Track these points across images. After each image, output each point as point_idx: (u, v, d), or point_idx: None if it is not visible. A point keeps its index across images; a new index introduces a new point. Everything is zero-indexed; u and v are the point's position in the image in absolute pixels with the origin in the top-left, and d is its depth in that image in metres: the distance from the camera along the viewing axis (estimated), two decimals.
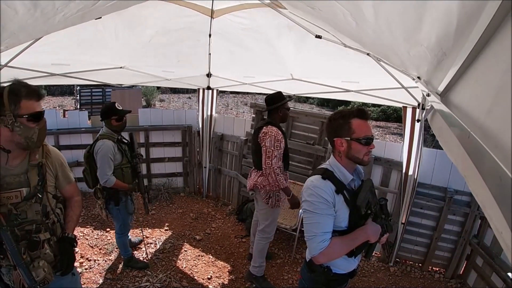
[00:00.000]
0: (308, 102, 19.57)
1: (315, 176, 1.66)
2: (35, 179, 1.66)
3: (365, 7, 0.97)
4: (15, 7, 1.06)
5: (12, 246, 1.51)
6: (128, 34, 3.00)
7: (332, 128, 1.70)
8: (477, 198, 0.62)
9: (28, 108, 1.54)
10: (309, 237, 1.61)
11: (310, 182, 1.65)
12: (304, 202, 1.65)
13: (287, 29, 2.82)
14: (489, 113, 0.58)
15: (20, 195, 1.60)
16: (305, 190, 1.65)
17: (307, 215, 1.62)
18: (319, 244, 1.58)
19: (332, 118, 1.70)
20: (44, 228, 1.68)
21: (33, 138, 1.58)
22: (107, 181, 2.92)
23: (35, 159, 1.69)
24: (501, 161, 0.50)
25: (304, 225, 1.66)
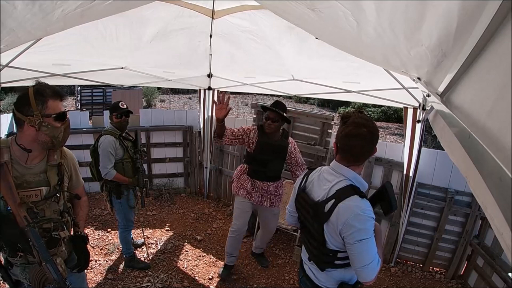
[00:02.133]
0: (309, 103, 19.58)
1: (355, 198, 1.51)
2: (55, 179, 1.71)
3: (367, 6, 0.97)
4: (14, 2, 1.06)
5: (40, 242, 1.54)
6: (129, 35, 3.00)
7: (377, 135, 1.58)
8: (478, 199, 0.62)
9: (54, 108, 1.59)
10: (366, 265, 1.50)
11: (356, 208, 1.48)
12: (356, 232, 1.47)
13: (287, 30, 2.82)
14: (490, 114, 0.58)
15: (40, 193, 1.64)
16: (356, 217, 1.47)
17: (363, 243, 1.48)
18: (377, 267, 1.53)
19: (374, 127, 1.55)
20: (60, 226, 1.73)
21: (59, 137, 1.63)
22: (107, 173, 3.07)
23: (54, 159, 1.72)
24: (501, 161, 0.50)
25: (356, 255, 1.51)
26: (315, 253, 1.70)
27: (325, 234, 1.59)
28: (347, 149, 1.58)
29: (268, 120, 3.05)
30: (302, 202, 1.77)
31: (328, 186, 1.62)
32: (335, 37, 1.73)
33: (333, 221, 1.53)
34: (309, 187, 1.76)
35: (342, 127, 1.58)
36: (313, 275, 1.78)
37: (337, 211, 1.51)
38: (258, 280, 3.58)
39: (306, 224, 1.76)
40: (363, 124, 1.52)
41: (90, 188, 5.22)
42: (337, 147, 1.64)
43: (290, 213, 2.00)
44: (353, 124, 1.53)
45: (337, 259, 1.63)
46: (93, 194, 5.21)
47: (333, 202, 1.54)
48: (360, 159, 1.61)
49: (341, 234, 1.52)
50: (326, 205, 1.57)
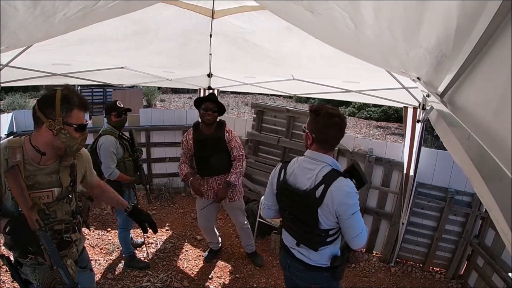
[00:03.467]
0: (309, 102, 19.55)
1: (341, 179, 1.70)
2: (67, 180, 1.68)
3: (365, 8, 0.97)
4: (15, 5, 1.06)
5: (52, 246, 1.51)
6: (129, 35, 3.00)
7: (345, 123, 1.80)
8: (483, 200, 0.62)
9: (78, 118, 1.56)
10: (360, 233, 1.72)
11: (345, 187, 1.69)
12: (353, 206, 1.69)
13: (287, 31, 2.82)
14: (495, 114, 0.57)
15: (52, 195, 1.61)
16: (347, 195, 1.68)
17: (355, 215, 1.70)
18: (366, 233, 1.77)
19: (343, 116, 1.78)
20: (72, 228, 1.70)
21: (73, 148, 1.61)
22: (111, 173, 3.06)
23: (67, 159, 1.70)
24: (503, 161, 0.50)
25: (350, 227, 1.72)
26: (307, 237, 1.84)
27: (319, 217, 1.73)
28: (325, 138, 1.76)
29: (208, 111, 3.12)
30: (287, 193, 1.88)
31: (313, 174, 1.76)
32: (334, 38, 1.74)
33: (327, 203, 1.68)
34: (291, 178, 1.86)
35: (316, 119, 1.76)
36: (305, 257, 1.90)
37: (329, 194, 1.67)
38: (258, 280, 3.58)
39: (294, 213, 1.88)
40: (335, 114, 1.73)
41: None
42: (312, 138, 1.80)
43: (269, 207, 2.08)
44: (327, 115, 1.73)
45: (328, 237, 1.80)
46: None
47: (323, 187, 1.69)
48: (334, 145, 1.83)
49: (337, 213, 1.69)
50: (316, 191, 1.71)
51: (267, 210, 2.10)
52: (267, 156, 4.92)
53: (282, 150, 4.74)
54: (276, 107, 4.90)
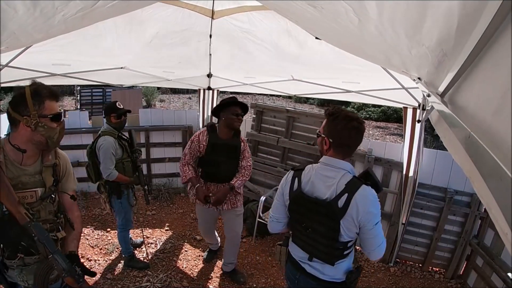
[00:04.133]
0: (309, 103, 19.55)
1: (364, 187, 1.60)
2: (50, 180, 1.69)
3: (369, 3, 0.97)
4: (14, 6, 1.06)
5: (45, 235, 1.53)
6: (128, 35, 3.00)
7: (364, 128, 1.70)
8: (483, 199, 0.62)
9: (51, 108, 1.58)
10: (381, 244, 1.65)
11: (370, 195, 1.60)
12: (377, 215, 1.61)
13: (287, 31, 2.83)
14: (496, 114, 0.58)
15: (35, 195, 1.63)
16: (372, 204, 1.59)
17: (378, 225, 1.63)
18: (385, 243, 1.68)
19: (361, 120, 1.67)
20: (56, 227, 1.71)
21: (54, 138, 1.62)
22: (109, 174, 3.05)
23: (49, 159, 1.71)
24: (503, 161, 0.50)
25: (372, 238, 1.64)
26: (325, 250, 1.72)
27: (341, 228, 1.62)
28: (343, 144, 1.66)
29: (239, 116, 2.95)
30: (303, 203, 1.74)
31: (333, 182, 1.64)
32: (336, 35, 1.73)
33: (351, 214, 1.58)
34: (308, 187, 1.73)
35: (334, 122, 1.64)
36: (318, 272, 1.78)
37: (354, 203, 1.57)
38: (257, 280, 3.58)
39: (310, 224, 1.74)
40: (354, 118, 1.63)
41: (90, 188, 5.21)
42: (330, 143, 1.68)
43: (278, 220, 1.92)
44: (346, 118, 1.62)
45: (346, 249, 1.70)
46: (92, 194, 5.20)
47: (346, 196, 1.58)
48: (353, 151, 1.73)
49: (361, 223, 1.59)
50: (339, 201, 1.60)
51: (275, 223, 1.94)
52: (267, 156, 4.92)
53: (282, 150, 4.74)
54: (275, 107, 4.90)
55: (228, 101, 2.97)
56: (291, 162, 4.71)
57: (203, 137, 3.02)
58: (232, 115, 2.93)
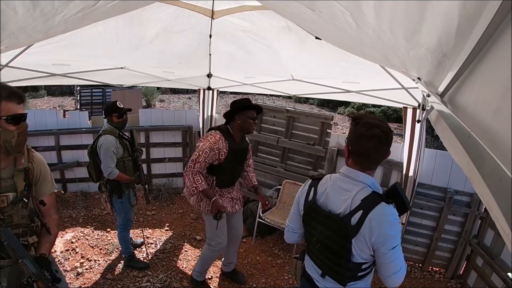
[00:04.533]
0: (308, 103, 19.56)
1: (382, 205, 1.43)
2: (22, 184, 1.65)
3: (366, 7, 0.97)
4: (14, 6, 1.06)
5: (14, 240, 1.51)
6: (128, 35, 3.00)
7: (392, 137, 1.48)
8: (483, 199, 0.62)
9: (8, 110, 1.48)
10: (399, 270, 1.47)
11: (388, 215, 1.42)
12: (391, 240, 1.42)
13: (287, 31, 2.83)
14: (495, 114, 0.58)
15: (7, 199, 1.60)
16: (389, 225, 1.41)
17: (396, 249, 1.44)
18: (405, 270, 1.50)
19: (388, 128, 1.46)
20: (30, 231, 1.68)
21: (11, 142, 1.51)
22: (110, 173, 3.06)
23: (21, 163, 1.66)
24: (503, 161, 0.50)
25: (388, 263, 1.46)
26: (335, 269, 1.58)
27: (353, 248, 1.47)
28: (361, 153, 1.49)
29: (255, 119, 2.80)
30: (316, 216, 1.62)
31: (349, 196, 1.49)
32: (335, 36, 1.74)
33: (364, 234, 1.42)
34: (323, 199, 1.59)
35: (354, 128, 1.48)
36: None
37: (368, 222, 1.41)
38: (257, 280, 3.58)
39: (323, 241, 1.60)
40: (376, 125, 1.42)
41: (90, 188, 5.21)
42: (348, 150, 1.53)
43: (293, 230, 1.81)
44: (366, 125, 1.43)
45: (360, 271, 1.55)
46: (92, 194, 5.20)
47: (361, 214, 1.43)
48: (375, 164, 1.53)
49: (374, 245, 1.43)
50: (352, 218, 1.44)
51: (290, 233, 1.82)
52: (266, 157, 4.92)
53: (282, 150, 4.74)
54: (275, 107, 4.90)
55: (245, 104, 2.79)
56: (291, 162, 4.71)
57: (222, 144, 2.73)
58: (250, 119, 2.76)
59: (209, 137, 2.72)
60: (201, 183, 2.70)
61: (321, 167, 4.40)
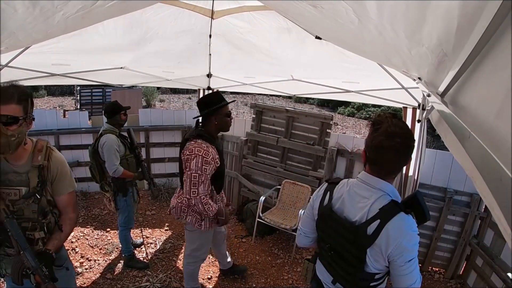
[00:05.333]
0: (308, 103, 19.58)
1: (402, 215, 1.36)
2: (35, 180, 1.70)
3: (369, 3, 0.97)
4: (14, 5, 1.06)
5: (18, 232, 1.60)
6: (128, 35, 3.00)
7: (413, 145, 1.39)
8: (485, 199, 0.62)
9: None
10: (414, 283, 1.41)
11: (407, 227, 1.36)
12: (412, 251, 1.36)
13: (286, 31, 2.83)
14: (498, 114, 0.57)
15: (19, 193, 1.66)
16: (406, 237, 1.35)
17: (412, 262, 1.38)
18: (420, 284, 1.44)
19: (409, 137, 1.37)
20: (39, 227, 1.73)
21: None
22: (115, 170, 3.11)
23: (37, 160, 1.71)
24: (504, 162, 0.50)
25: (404, 276, 1.39)
26: (347, 278, 1.52)
27: (368, 258, 1.41)
28: (378, 162, 1.42)
29: (230, 116, 2.62)
30: (330, 222, 1.55)
31: (366, 203, 1.43)
32: (337, 34, 1.73)
33: (380, 244, 1.36)
34: (338, 205, 1.53)
35: (373, 135, 1.39)
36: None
37: (385, 233, 1.35)
38: (257, 280, 3.58)
39: (334, 247, 1.55)
40: (396, 134, 1.32)
41: (90, 188, 5.21)
42: (366, 156, 1.46)
43: (305, 234, 1.76)
44: (385, 134, 1.34)
45: (373, 281, 1.50)
46: (92, 194, 5.20)
47: (378, 223, 1.36)
48: (393, 173, 1.47)
49: (390, 257, 1.37)
50: (368, 227, 1.38)
51: (303, 237, 1.77)
52: (266, 156, 4.92)
53: (281, 150, 4.74)
54: (275, 107, 4.90)
55: (219, 102, 2.55)
56: (290, 162, 4.70)
57: (212, 151, 2.44)
58: (227, 117, 2.58)
59: (196, 150, 2.36)
60: (212, 208, 2.47)
61: (321, 167, 4.41)
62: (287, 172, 4.63)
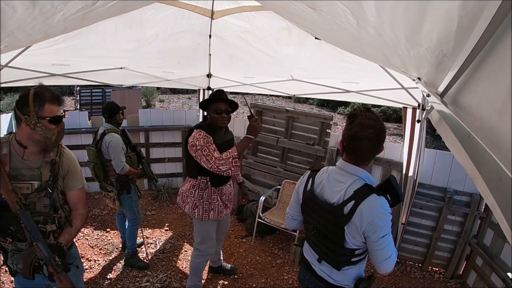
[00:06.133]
0: (308, 103, 19.57)
1: (374, 196, 1.52)
2: (47, 175, 1.78)
3: (367, 5, 0.97)
4: (13, 5, 1.06)
5: (31, 223, 1.65)
6: (128, 36, 2.99)
7: (384, 136, 1.57)
8: (487, 199, 0.62)
9: (50, 111, 1.68)
10: (389, 257, 1.56)
11: (378, 206, 1.51)
12: (384, 228, 1.51)
13: (286, 31, 2.82)
14: (499, 114, 0.58)
15: (31, 187, 1.72)
16: (378, 215, 1.50)
17: (385, 238, 1.53)
18: (395, 257, 1.59)
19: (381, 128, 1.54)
20: (51, 220, 1.79)
21: (51, 139, 1.72)
22: (123, 168, 3.17)
23: (49, 156, 1.80)
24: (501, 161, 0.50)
25: (378, 251, 1.55)
26: (330, 254, 1.69)
27: (346, 235, 1.57)
28: (353, 151, 1.59)
29: (222, 113, 2.61)
30: (312, 205, 1.73)
31: (342, 187, 1.60)
32: (336, 35, 1.73)
33: (355, 222, 1.53)
34: (319, 190, 1.71)
35: (348, 127, 1.55)
36: (327, 275, 1.76)
37: (359, 212, 1.51)
38: (257, 280, 3.58)
39: (319, 228, 1.72)
40: (369, 126, 1.50)
41: (89, 188, 5.21)
42: (343, 146, 1.63)
43: (292, 217, 1.95)
44: (359, 126, 1.51)
45: (353, 257, 1.65)
46: (92, 194, 5.20)
47: (353, 204, 1.53)
48: (367, 160, 1.64)
49: (365, 233, 1.53)
50: (345, 207, 1.55)
51: (290, 220, 1.97)
52: (266, 156, 4.92)
53: (281, 150, 4.74)
54: (275, 107, 4.91)
55: (212, 98, 2.67)
56: (290, 162, 4.71)
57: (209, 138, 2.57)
58: (216, 114, 2.61)
59: (197, 134, 2.53)
60: (230, 153, 2.48)
61: (321, 167, 4.40)
62: (287, 172, 4.63)
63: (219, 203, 2.84)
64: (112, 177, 3.29)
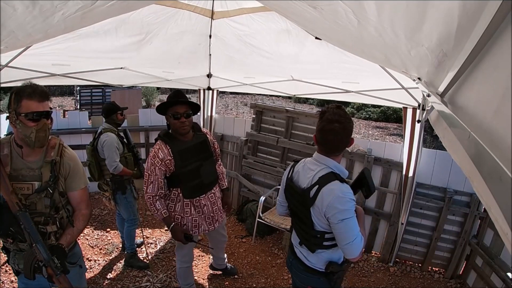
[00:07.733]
0: (308, 103, 19.58)
1: (335, 182, 1.69)
2: (47, 175, 1.75)
3: (368, 4, 0.97)
4: (13, 4, 1.06)
5: (30, 224, 1.63)
6: (128, 36, 3.00)
7: (350, 129, 1.74)
8: (482, 199, 0.62)
9: (27, 107, 1.61)
10: (351, 242, 1.66)
11: (338, 191, 1.66)
12: (339, 212, 1.64)
13: (286, 32, 2.83)
14: (496, 113, 0.58)
15: (32, 187, 1.71)
16: (337, 199, 1.65)
17: (346, 222, 1.65)
18: (360, 243, 1.69)
19: (346, 123, 1.71)
20: (52, 221, 1.77)
21: (30, 137, 1.64)
22: (116, 167, 3.17)
23: (50, 156, 1.77)
24: (503, 161, 0.50)
25: (340, 234, 1.68)
26: (305, 236, 1.87)
27: (312, 217, 1.76)
28: (323, 143, 1.76)
29: (180, 118, 2.40)
30: (291, 191, 1.93)
31: (312, 174, 1.79)
32: (336, 35, 1.74)
33: (318, 205, 1.70)
34: (296, 177, 1.91)
35: (319, 122, 1.75)
36: (304, 258, 1.93)
37: (321, 195, 1.69)
38: (257, 280, 3.59)
39: (295, 210, 1.93)
40: (336, 120, 1.67)
41: (90, 188, 5.17)
42: (316, 139, 1.80)
43: (281, 203, 2.13)
44: (326, 120, 1.69)
45: (324, 240, 1.80)
46: (92, 194, 5.19)
47: (317, 188, 1.71)
48: (336, 151, 1.79)
49: (326, 215, 1.69)
50: (311, 191, 1.74)
51: (279, 206, 2.16)
52: (266, 157, 4.92)
53: (281, 150, 4.74)
54: (275, 107, 4.90)
55: (168, 101, 2.47)
56: (290, 162, 4.69)
57: (164, 152, 2.43)
58: (173, 119, 2.41)
59: (153, 149, 2.47)
60: (158, 212, 2.49)
61: None
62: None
63: (194, 217, 2.65)
64: (107, 176, 3.30)
